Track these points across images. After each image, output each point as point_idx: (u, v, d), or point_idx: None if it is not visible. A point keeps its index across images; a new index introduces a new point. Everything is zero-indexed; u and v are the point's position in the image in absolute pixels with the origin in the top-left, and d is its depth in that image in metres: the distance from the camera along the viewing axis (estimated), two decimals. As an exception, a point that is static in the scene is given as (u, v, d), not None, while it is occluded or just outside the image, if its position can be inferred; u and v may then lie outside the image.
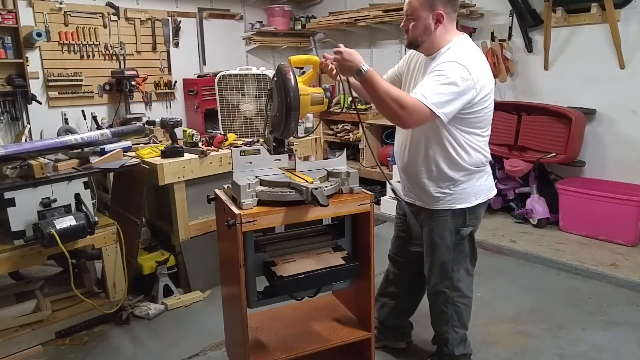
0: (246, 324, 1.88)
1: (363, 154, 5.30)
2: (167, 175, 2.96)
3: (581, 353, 2.50)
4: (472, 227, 2.10)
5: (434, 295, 2.20)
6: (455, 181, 2.00)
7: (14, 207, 2.47)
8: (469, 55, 1.88)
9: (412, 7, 1.90)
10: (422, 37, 1.92)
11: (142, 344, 2.68)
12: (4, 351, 2.50)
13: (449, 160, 1.97)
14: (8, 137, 4.34)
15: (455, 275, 2.13)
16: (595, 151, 4.10)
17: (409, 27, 1.93)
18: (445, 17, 1.89)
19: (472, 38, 4.70)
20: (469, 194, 2.03)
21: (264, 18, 6.17)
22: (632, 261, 3.41)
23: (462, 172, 1.99)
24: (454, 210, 2.04)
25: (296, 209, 1.79)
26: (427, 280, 2.21)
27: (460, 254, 2.12)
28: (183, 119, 5.18)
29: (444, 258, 2.10)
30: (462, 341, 2.25)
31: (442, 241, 2.08)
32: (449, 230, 2.06)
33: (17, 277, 3.10)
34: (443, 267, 2.12)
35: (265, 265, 1.94)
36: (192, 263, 3.16)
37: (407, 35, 1.97)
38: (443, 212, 2.05)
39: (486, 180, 2.08)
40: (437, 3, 1.87)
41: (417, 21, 1.90)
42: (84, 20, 4.71)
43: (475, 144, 1.98)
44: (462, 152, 1.96)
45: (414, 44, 1.96)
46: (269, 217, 1.78)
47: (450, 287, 2.14)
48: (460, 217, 2.05)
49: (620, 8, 3.78)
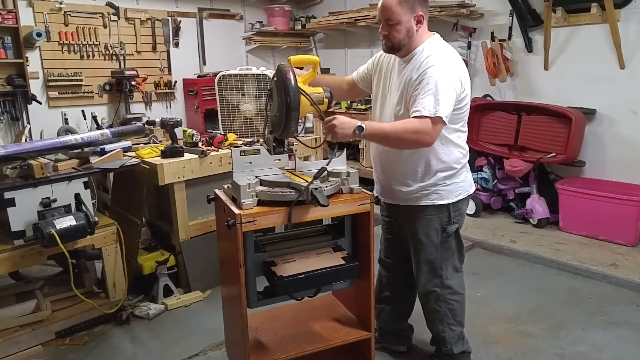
0: (246, 324, 1.88)
1: (363, 154, 5.30)
2: (167, 175, 2.96)
3: (581, 353, 2.50)
4: (457, 224, 2.13)
5: (425, 295, 2.21)
6: (438, 177, 2.04)
7: (14, 207, 2.47)
8: (446, 54, 1.93)
9: (392, 11, 1.90)
10: (404, 40, 1.93)
11: (142, 344, 2.68)
12: (4, 351, 2.50)
13: (433, 157, 2.01)
14: (8, 137, 4.34)
15: (444, 273, 2.15)
16: (595, 151, 4.10)
17: (389, 33, 1.94)
18: (424, 18, 1.93)
19: (472, 38, 4.74)
20: (451, 190, 2.06)
21: (264, 18, 6.18)
22: (632, 261, 3.41)
23: (446, 168, 2.03)
24: (438, 207, 2.06)
25: (296, 209, 1.79)
26: (417, 280, 2.22)
27: (447, 252, 2.15)
28: (183, 119, 5.18)
29: (431, 257, 2.12)
30: (460, 339, 2.25)
31: (428, 240, 2.10)
32: (434, 228, 2.09)
33: (17, 277, 3.10)
34: (431, 265, 2.14)
35: (265, 265, 1.94)
36: (192, 263, 3.16)
37: (387, 41, 1.97)
38: (427, 210, 2.07)
39: (466, 176, 2.13)
40: (416, 5, 1.90)
41: (399, 25, 1.90)
42: (84, 20, 4.71)
43: (457, 140, 2.04)
44: (445, 148, 2.01)
45: (395, 48, 1.97)
46: (269, 217, 1.78)
47: (441, 285, 2.16)
48: (444, 214, 2.08)
49: (620, 8, 3.78)
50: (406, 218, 2.14)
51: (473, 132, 4.44)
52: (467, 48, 4.76)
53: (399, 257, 2.32)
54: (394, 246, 2.33)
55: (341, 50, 6.10)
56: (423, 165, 2.02)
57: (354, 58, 5.97)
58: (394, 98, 2.03)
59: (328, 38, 6.32)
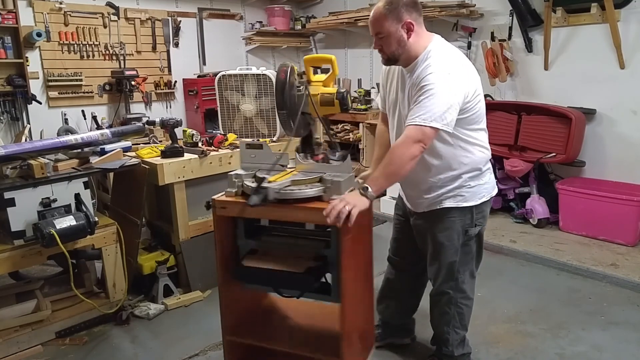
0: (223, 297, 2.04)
1: (363, 154, 5.30)
2: (167, 175, 2.96)
3: (581, 353, 2.50)
4: (480, 227, 2.09)
5: (438, 295, 2.19)
6: (463, 180, 2.00)
7: (14, 207, 2.47)
8: (449, 58, 1.89)
9: (379, 24, 1.88)
10: (398, 50, 1.90)
11: (142, 344, 2.68)
12: (4, 351, 2.50)
13: (455, 162, 1.98)
14: (8, 137, 4.34)
15: (461, 277, 2.13)
16: (595, 151, 4.10)
17: (382, 46, 1.93)
18: (415, 24, 1.89)
19: (472, 38, 4.74)
20: (475, 192, 2.03)
21: (264, 18, 6.18)
22: (632, 261, 3.41)
23: (470, 170, 2.00)
24: (462, 209, 2.02)
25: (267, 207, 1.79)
26: (432, 281, 2.21)
27: (467, 255, 2.11)
28: (183, 119, 5.19)
29: (451, 259, 2.09)
30: (462, 342, 2.26)
31: (450, 242, 2.06)
32: (457, 231, 2.05)
33: (17, 277, 3.10)
34: (449, 268, 2.11)
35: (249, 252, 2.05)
36: (192, 263, 3.16)
37: (382, 54, 1.96)
38: (450, 212, 2.03)
39: (490, 177, 2.09)
40: (402, 13, 1.86)
41: (388, 37, 1.88)
42: (84, 20, 4.71)
43: (477, 140, 2.00)
44: (465, 151, 1.97)
45: (392, 59, 1.95)
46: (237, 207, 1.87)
47: (455, 288, 2.14)
48: (467, 216, 2.04)
49: (620, 8, 3.78)
50: (428, 220, 2.10)
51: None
52: (467, 48, 4.76)
53: (410, 257, 2.31)
54: (405, 246, 2.31)
55: (341, 50, 6.10)
56: (448, 172, 1.99)
57: (354, 58, 5.98)
58: (401, 108, 2.02)
59: (328, 38, 6.32)
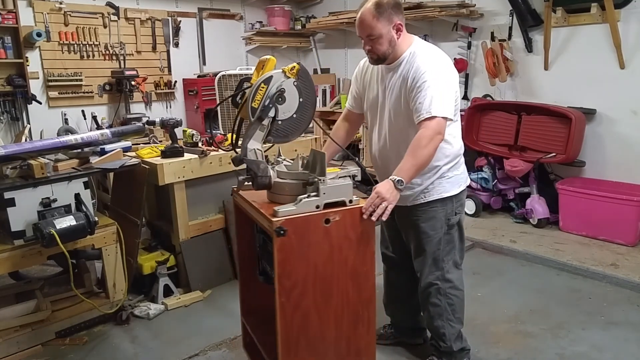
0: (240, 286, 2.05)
1: (363, 154, 5.30)
2: (167, 175, 2.96)
3: (581, 353, 2.50)
4: (459, 215, 2.18)
5: (426, 288, 2.22)
6: (444, 171, 2.08)
7: (14, 207, 2.47)
8: (437, 55, 2.00)
9: (371, 27, 1.93)
10: (389, 50, 1.99)
11: (142, 344, 2.68)
12: (4, 351, 2.50)
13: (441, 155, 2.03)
14: (8, 137, 4.35)
15: (445, 266, 2.18)
16: (595, 151, 4.10)
17: (372, 47, 1.98)
18: (403, 25, 1.98)
19: (472, 38, 4.74)
20: (454, 182, 2.12)
21: (264, 18, 6.18)
22: (632, 261, 3.41)
23: (450, 161, 2.09)
24: (443, 200, 2.11)
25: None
26: (419, 275, 2.24)
27: (449, 244, 2.18)
28: (183, 119, 5.19)
29: (435, 248, 2.16)
30: (459, 337, 2.27)
31: (434, 232, 2.14)
32: (440, 220, 2.13)
33: (17, 277, 3.10)
34: (434, 258, 2.17)
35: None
36: (192, 263, 3.15)
37: (372, 54, 2.01)
38: (434, 203, 2.11)
39: (464, 167, 2.21)
40: (392, 15, 1.94)
41: (380, 38, 1.95)
42: (84, 20, 4.71)
43: (455, 132, 2.09)
44: (448, 143, 2.05)
45: (381, 59, 2.02)
46: None
47: (442, 278, 2.18)
48: (449, 205, 2.13)
49: (620, 8, 3.78)
50: (412, 214, 2.15)
51: (473, 132, 4.44)
52: (467, 48, 4.77)
53: (403, 252, 2.34)
54: (397, 240, 2.35)
55: (341, 50, 6.11)
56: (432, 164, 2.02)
57: (354, 58, 5.97)
58: (387, 104, 2.08)
59: (328, 38, 6.31)
